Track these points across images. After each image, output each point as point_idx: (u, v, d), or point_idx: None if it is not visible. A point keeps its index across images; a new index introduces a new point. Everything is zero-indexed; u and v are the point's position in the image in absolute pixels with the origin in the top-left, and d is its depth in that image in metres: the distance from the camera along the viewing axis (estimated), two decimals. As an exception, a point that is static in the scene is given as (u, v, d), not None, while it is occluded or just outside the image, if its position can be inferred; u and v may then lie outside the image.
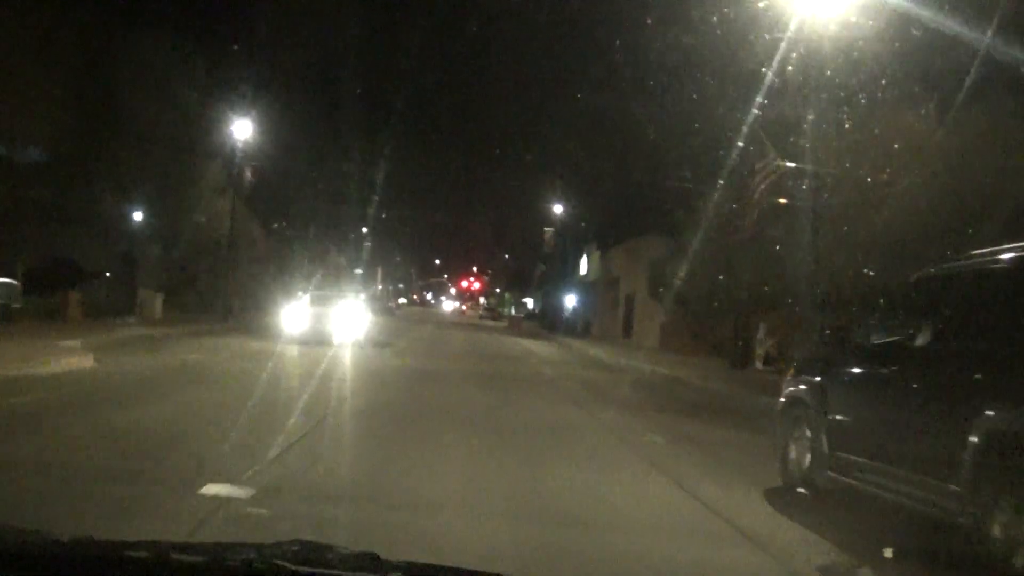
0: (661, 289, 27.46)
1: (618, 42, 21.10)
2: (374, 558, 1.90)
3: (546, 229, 43.69)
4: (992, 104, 12.43)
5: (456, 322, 56.59)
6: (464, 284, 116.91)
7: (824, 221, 14.05)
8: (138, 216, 27.60)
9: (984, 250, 5.09)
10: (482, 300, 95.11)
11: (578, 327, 45.77)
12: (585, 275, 45.76)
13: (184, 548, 1.91)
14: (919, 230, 12.26)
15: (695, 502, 5.78)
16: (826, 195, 14.06)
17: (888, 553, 4.52)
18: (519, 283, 74.43)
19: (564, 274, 46.38)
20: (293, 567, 1.80)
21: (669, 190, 25.77)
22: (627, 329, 35.34)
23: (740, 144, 14.83)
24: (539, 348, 28.18)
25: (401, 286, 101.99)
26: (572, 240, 45.20)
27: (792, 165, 14.14)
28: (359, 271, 65.71)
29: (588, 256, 45.25)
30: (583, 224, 42.88)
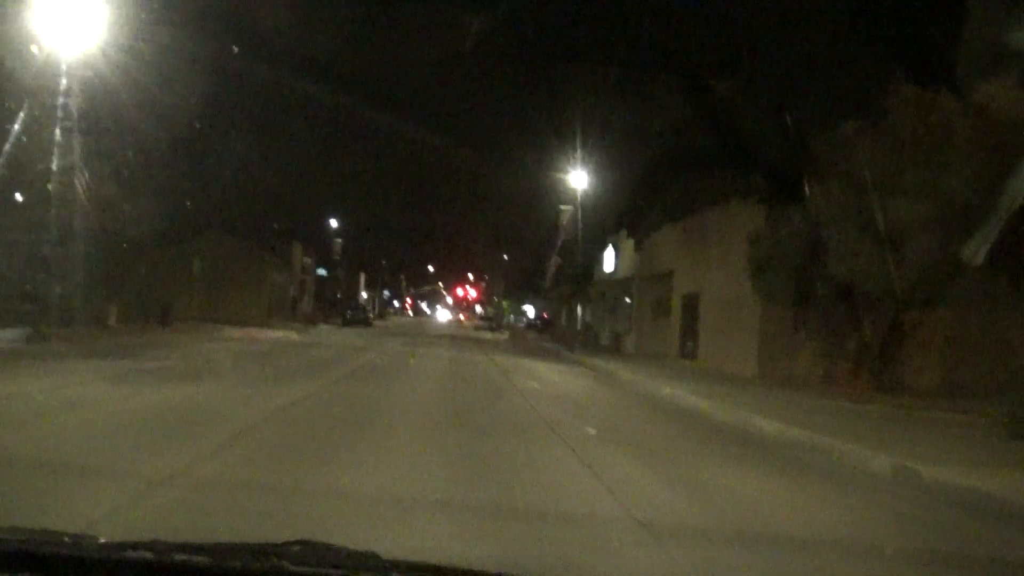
0: (767, 279, 16.58)
1: None
2: (375, 557, 1.89)
3: (562, 207, 32.45)
4: None
5: (447, 335, 45.55)
6: (460, 292, 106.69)
7: None
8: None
9: None
10: (478, 309, 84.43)
11: (605, 341, 34.79)
12: (612, 272, 34.71)
13: (186, 548, 1.87)
14: None
15: None
16: None
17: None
18: (522, 288, 63.59)
19: (584, 270, 35.22)
20: (294, 567, 1.79)
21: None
22: (686, 346, 24.28)
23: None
24: (569, 383, 17.16)
25: (387, 293, 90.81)
26: (593, 228, 34.02)
27: None
28: (322, 271, 54.10)
29: (616, 247, 34.20)
30: (605, 211, 31.78)
